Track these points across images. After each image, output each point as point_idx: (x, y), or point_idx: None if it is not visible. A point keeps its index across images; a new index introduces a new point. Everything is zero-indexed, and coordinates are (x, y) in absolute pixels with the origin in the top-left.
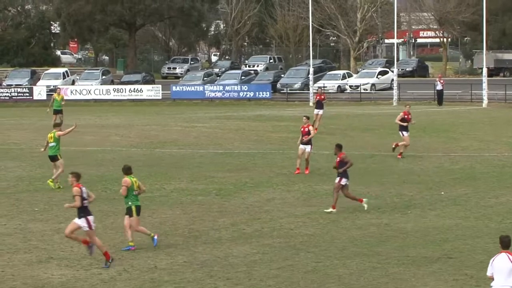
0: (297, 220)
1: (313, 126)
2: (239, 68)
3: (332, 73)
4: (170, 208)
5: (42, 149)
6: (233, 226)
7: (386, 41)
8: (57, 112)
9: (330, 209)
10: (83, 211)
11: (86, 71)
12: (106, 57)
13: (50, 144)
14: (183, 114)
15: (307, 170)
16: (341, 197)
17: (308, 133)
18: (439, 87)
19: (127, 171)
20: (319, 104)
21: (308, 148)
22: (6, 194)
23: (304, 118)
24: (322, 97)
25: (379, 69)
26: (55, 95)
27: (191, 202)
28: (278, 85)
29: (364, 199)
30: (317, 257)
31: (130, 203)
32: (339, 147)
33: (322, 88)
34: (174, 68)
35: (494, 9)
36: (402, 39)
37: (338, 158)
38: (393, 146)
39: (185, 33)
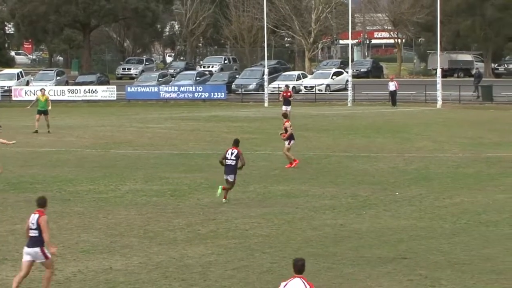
0: (252, 221)
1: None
2: (194, 69)
3: (287, 73)
4: (125, 209)
5: None
6: (188, 227)
7: (341, 42)
8: (41, 112)
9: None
10: None
11: (41, 72)
12: (61, 58)
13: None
14: (138, 115)
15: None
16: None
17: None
18: (391, 87)
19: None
20: (286, 101)
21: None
22: None
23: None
24: (289, 94)
25: (334, 70)
26: (39, 95)
27: (146, 203)
28: (233, 86)
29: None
30: (273, 258)
31: None
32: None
33: (288, 86)
34: (129, 69)
35: (448, 10)
36: (357, 40)
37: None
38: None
39: (140, 34)
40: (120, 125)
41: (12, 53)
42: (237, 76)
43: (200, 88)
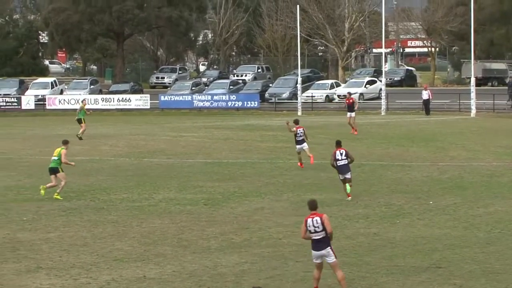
0: (286, 230)
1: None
2: (227, 78)
3: (320, 82)
4: (159, 218)
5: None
6: (222, 236)
7: (374, 50)
8: (80, 121)
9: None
10: None
11: (74, 80)
12: (94, 67)
13: (53, 158)
14: (172, 123)
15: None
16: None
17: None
18: (425, 96)
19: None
20: (349, 108)
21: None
22: None
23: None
24: (351, 101)
25: (367, 78)
26: (82, 105)
27: (179, 212)
28: (266, 95)
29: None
30: (306, 267)
31: None
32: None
33: (350, 93)
34: (163, 78)
35: (482, 19)
36: (390, 49)
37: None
38: None
39: (173, 43)
40: (153, 134)
41: (46, 62)
42: (270, 85)
43: (234, 97)
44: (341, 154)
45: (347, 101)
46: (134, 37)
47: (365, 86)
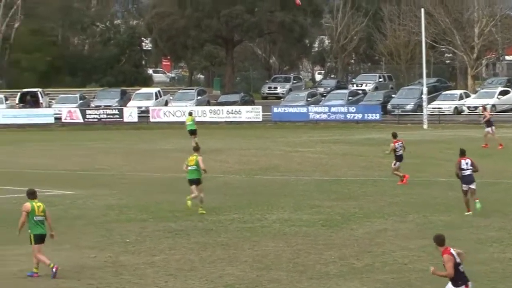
0: (411, 254)
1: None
2: (346, 88)
3: (448, 93)
4: (272, 240)
5: (184, 166)
6: (341, 260)
7: (507, 57)
8: (193, 132)
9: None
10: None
11: (180, 91)
12: (202, 76)
13: (191, 167)
14: (285, 137)
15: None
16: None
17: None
18: None
19: (30, 195)
20: (487, 122)
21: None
22: (95, 224)
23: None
24: (486, 114)
25: (500, 88)
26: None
27: (295, 234)
28: (389, 106)
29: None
30: None
31: (29, 230)
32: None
33: (486, 107)
34: (275, 88)
35: None
36: None
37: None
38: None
39: (287, 50)
40: (266, 148)
41: (150, 71)
42: (393, 95)
43: (353, 109)
44: (467, 164)
45: (485, 115)
46: (244, 43)
47: (497, 97)
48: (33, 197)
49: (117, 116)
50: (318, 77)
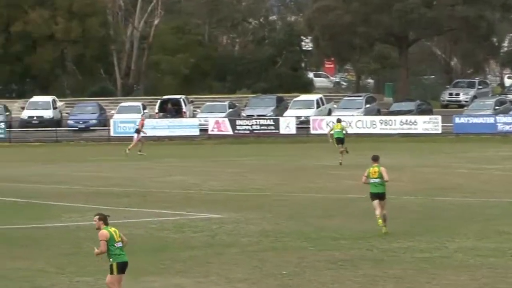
0: None
1: None
2: None
3: None
4: (454, 273)
5: (364, 178)
6: None
7: None
8: (341, 141)
9: None
10: None
11: (346, 98)
12: (371, 81)
13: (374, 180)
14: (469, 152)
15: None
16: None
17: None
18: None
19: (105, 220)
20: None
21: None
22: (247, 253)
23: None
24: None
25: None
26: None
27: (480, 265)
28: None
29: None
30: None
31: (111, 259)
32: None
33: None
34: (457, 95)
35: None
36: None
37: None
38: None
39: (471, 50)
40: (446, 165)
41: (310, 74)
42: None
43: None
44: None
45: None
46: (420, 42)
47: None
48: (107, 223)
49: (272, 128)
50: (507, 82)
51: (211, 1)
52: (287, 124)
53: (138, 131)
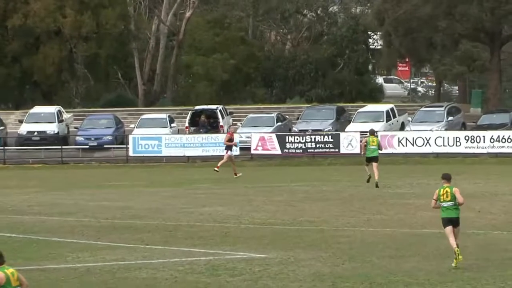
0: None
1: None
2: None
3: None
4: None
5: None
6: None
7: None
8: (373, 160)
9: None
10: None
11: (423, 108)
12: (455, 87)
13: (446, 204)
14: None
15: None
16: None
17: None
18: None
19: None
20: None
21: None
22: None
23: None
24: None
25: None
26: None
27: None
28: None
29: None
30: None
31: None
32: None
33: None
34: None
35: None
36: None
37: None
38: None
39: None
40: None
41: (379, 79)
42: None
43: None
44: None
45: None
46: None
47: None
48: (1, 262)
49: (331, 146)
50: None
51: None
52: (350, 141)
53: (229, 147)
